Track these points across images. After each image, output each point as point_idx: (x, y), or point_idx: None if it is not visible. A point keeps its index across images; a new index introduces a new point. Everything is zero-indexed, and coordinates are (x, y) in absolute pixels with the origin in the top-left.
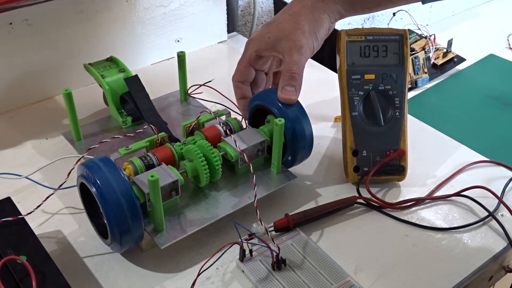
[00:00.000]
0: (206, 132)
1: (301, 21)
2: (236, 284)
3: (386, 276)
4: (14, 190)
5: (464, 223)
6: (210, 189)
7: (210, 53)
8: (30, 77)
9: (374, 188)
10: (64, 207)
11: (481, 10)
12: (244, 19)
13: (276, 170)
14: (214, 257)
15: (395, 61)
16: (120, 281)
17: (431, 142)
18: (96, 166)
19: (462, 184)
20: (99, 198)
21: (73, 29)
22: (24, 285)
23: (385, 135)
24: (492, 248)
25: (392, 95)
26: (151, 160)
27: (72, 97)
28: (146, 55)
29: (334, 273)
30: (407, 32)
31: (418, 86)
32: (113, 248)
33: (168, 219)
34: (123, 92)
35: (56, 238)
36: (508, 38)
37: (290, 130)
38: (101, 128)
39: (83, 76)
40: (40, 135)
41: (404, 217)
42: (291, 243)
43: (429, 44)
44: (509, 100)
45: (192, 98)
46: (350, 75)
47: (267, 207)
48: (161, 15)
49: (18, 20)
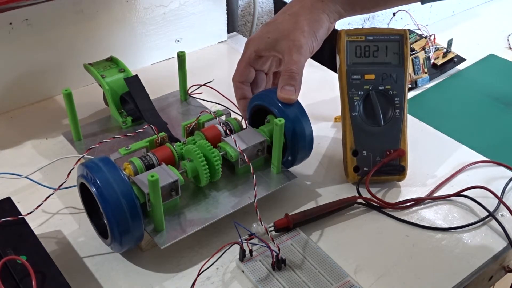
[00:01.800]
0: (206, 132)
1: (300, 21)
2: (236, 284)
3: (386, 276)
4: (14, 190)
5: (464, 223)
6: (210, 189)
7: (210, 53)
8: (30, 77)
9: (374, 188)
10: (64, 207)
11: (481, 10)
12: (244, 19)
13: (276, 170)
14: (214, 257)
15: (395, 61)
16: (120, 281)
17: (431, 142)
18: (96, 166)
19: (462, 184)
20: (99, 198)
21: (73, 29)
22: (24, 285)
23: (385, 135)
24: (492, 248)
25: (392, 95)
26: (151, 160)
27: (72, 97)
28: (146, 55)
29: (334, 273)
30: (407, 32)
31: (418, 86)
32: (113, 248)
33: (168, 219)
34: (123, 92)
35: (56, 238)
36: (508, 38)
37: (290, 130)
38: (101, 128)
39: (83, 76)
40: (40, 135)
41: (404, 217)
42: (291, 243)
43: (429, 44)
44: (509, 100)
45: (192, 98)
46: (350, 75)
47: (267, 207)
48: (161, 15)
49: (18, 20)
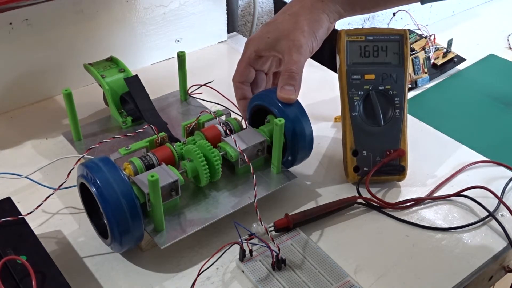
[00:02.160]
0: (206, 132)
1: (300, 21)
2: (236, 284)
3: (386, 276)
4: (14, 190)
5: (464, 223)
6: (210, 189)
7: (210, 53)
8: (30, 77)
9: (374, 188)
10: (64, 207)
11: (481, 10)
12: (244, 19)
13: (276, 170)
14: (214, 257)
15: (395, 61)
16: (120, 281)
17: (431, 142)
18: (96, 166)
19: (462, 184)
20: (99, 198)
21: (73, 29)
22: (24, 285)
23: (385, 135)
24: (492, 248)
25: (392, 95)
26: (151, 160)
27: (72, 97)
28: (146, 55)
29: (334, 273)
30: (407, 32)
31: (418, 86)
32: (113, 248)
33: (168, 219)
34: (123, 92)
35: (56, 238)
36: (508, 38)
37: (290, 130)
38: (101, 128)
39: (83, 76)
40: (40, 135)
41: (404, 217)
42: (291, 243)
43: (429, 44)
44: (509, 100)
45: (192, 98)
46: (350, 75)
47: (267, 207)
48: (161, 15)
49: (18, 20)
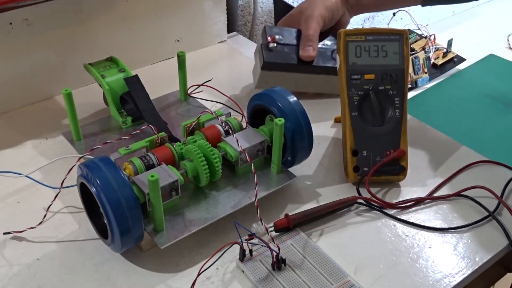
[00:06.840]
0: (206, 132)
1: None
2: (236, 284)
3: (386, 276)
4: (14, 190)
5: (464, 223)
6: (210, 189)
7: (210, 53)
8: (30, 77)
9: (374, 188)
10: (64, 207)
11: (481, 10)
12: (244, 19)
13: (276, 170)
14: (214, 257)
15: (395, 61)
16: (120, 281)
17: (431, 142)
18: (96, 166)
19: (462, 184)
20: (99, 198)
21: (73, 29)
22: None
23: (385, 135)
24: (492, 248)
25: (392, 95)
26: (151, 160)
27: (72, 97)
28: (146, 55)
29: (334, 273)
30: (407, 32)
31: (418, 86)
32: (113, 248)
33: (168, 219)
34: (123, 92)
35: (56, 238)
36: (508, 38)
37: (290, 130)
38: (101, 128)
39: (83, 76)
40: (40, 135)
41: (404, 217)
42: (291, 243)
43: (429, 44)
44: (509, 100)
45: (192, 98)
46: (350, 75)
47: (267, 207)
48: (161, 15)
49: (18, 20)
